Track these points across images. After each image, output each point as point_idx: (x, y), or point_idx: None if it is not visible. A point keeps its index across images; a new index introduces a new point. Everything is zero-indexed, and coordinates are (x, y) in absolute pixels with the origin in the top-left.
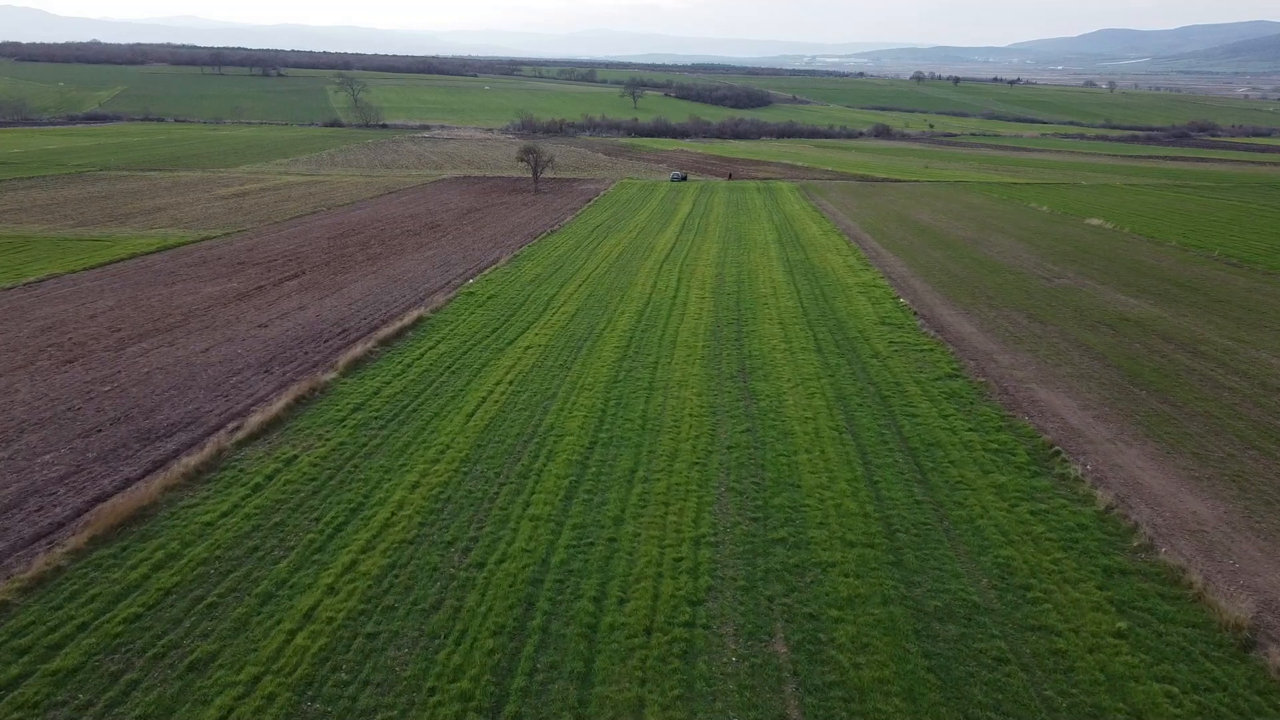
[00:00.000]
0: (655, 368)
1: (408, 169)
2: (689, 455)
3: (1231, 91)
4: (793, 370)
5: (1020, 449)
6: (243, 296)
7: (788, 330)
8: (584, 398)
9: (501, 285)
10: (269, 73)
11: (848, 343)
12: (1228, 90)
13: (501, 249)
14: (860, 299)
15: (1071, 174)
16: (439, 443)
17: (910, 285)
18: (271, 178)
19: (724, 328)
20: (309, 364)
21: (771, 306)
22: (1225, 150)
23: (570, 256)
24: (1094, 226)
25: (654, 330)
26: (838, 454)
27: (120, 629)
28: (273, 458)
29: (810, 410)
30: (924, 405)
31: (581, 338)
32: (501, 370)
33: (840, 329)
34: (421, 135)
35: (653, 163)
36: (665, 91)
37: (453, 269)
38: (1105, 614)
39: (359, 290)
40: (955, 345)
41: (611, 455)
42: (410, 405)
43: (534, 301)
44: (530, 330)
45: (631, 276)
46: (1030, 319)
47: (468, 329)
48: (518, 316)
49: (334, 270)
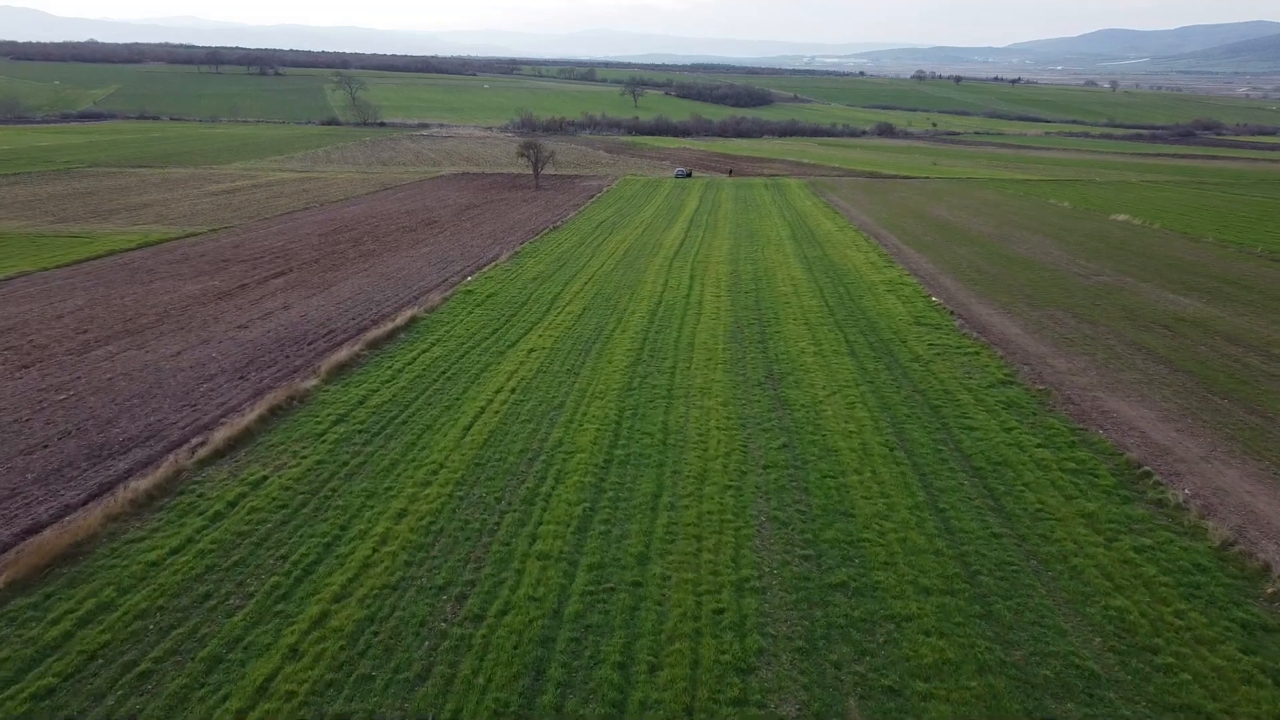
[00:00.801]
0: (673, 373)
1: (405, 166)
2: (720, 477)
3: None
4: (826, 376)
5: (1102, 469)
6: (224, 295)
7: (815, 332)
8: (596, 407)
9: (502, 283)
10: (266, 72)
11: (883, 345)
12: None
13: (501, 246)
14: (889, 297)
15: (1083, 171)
16: (431, 461)
17: (940, 283)
18: (264, 174)
19: (745, 329)
20: (289, 369)
21: (794, 306)
22: (1233, 149)
23: (574, 253)
24: (1121, 222)
25: (669, 331)
26: (892, 475)
27: (25, 709)
28: (238, 480)
29: (853, 422)
30: (981, 416)
31: (590, 339)
32: (502, 376)
33: (872, 330)
34: (420, 133)
35: (655, 160)
36: (665, 90)
37: (450, 266)
38: (1261, 689)
39: (349, 289)
40: (1002, 348)
41: (630, 476)
42: (399, 417)
43: (537, 300)
44: (534, 331)
45: (640, 274)
46: (1077, 319)
47: (465, 330)
48: (520, 317)
49: (323, 268)
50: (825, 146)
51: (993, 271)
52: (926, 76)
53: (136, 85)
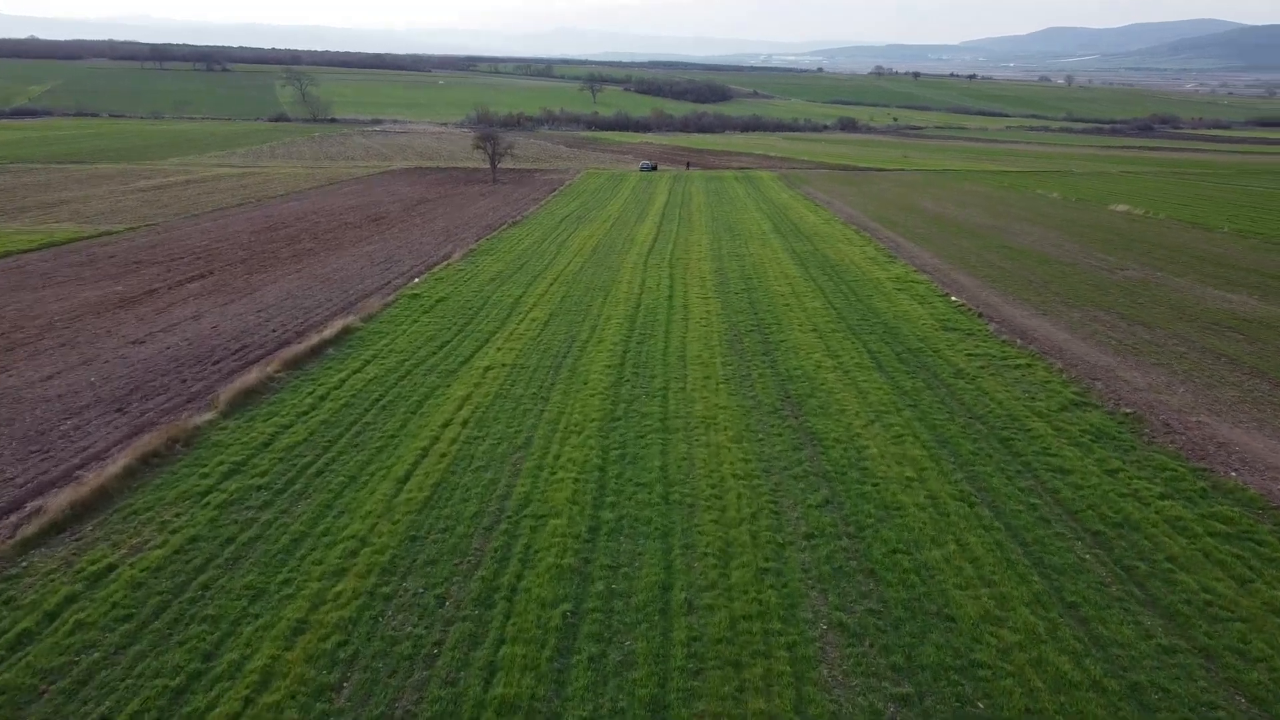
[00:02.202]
0: (665, 396)
1: (354, 161)
2: (749, 553)
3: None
4: (857, 398)
5: (1261, 530)
6: (127, 303)
7: (828, 340)
8: (572, 446)
9: (454, 285)
10: (214, 68)
11: (913, 356)
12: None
13: (455, 243)
14: (902, 298)
15: (1058, 163)
16: (349, 535)
17: (954, 280)
18: (202, 170)
19: (744, 337)
20: (182, 398)
21: (796, 309)
22: (1193, 141)
23: (537, 250)
24: (1123, 213)
25: (653, 341)
26: (985, 547)
27: None
28: (73, 571)
29: (908, 464)
30: (1070, 453)
31: (560, 353)
32: (452, 404)
33: (895, 337)
34: (373, 129)
35: (618, 154)
36: (625, 86)
37: (395, 266)
38: None
39: (275, 293)
40: (1057, 358)
41: (625, 554)
42: (314, 465)
43: (495, 305)
44: (492, 344)
45: (614, 273)
46: (1126, 320)
47: (409, 343)
48: (475, 325)
49: (250, 269)
50: (791, 141)
51: (1007, 266)
52: (885, 72)
53: (77, 82)
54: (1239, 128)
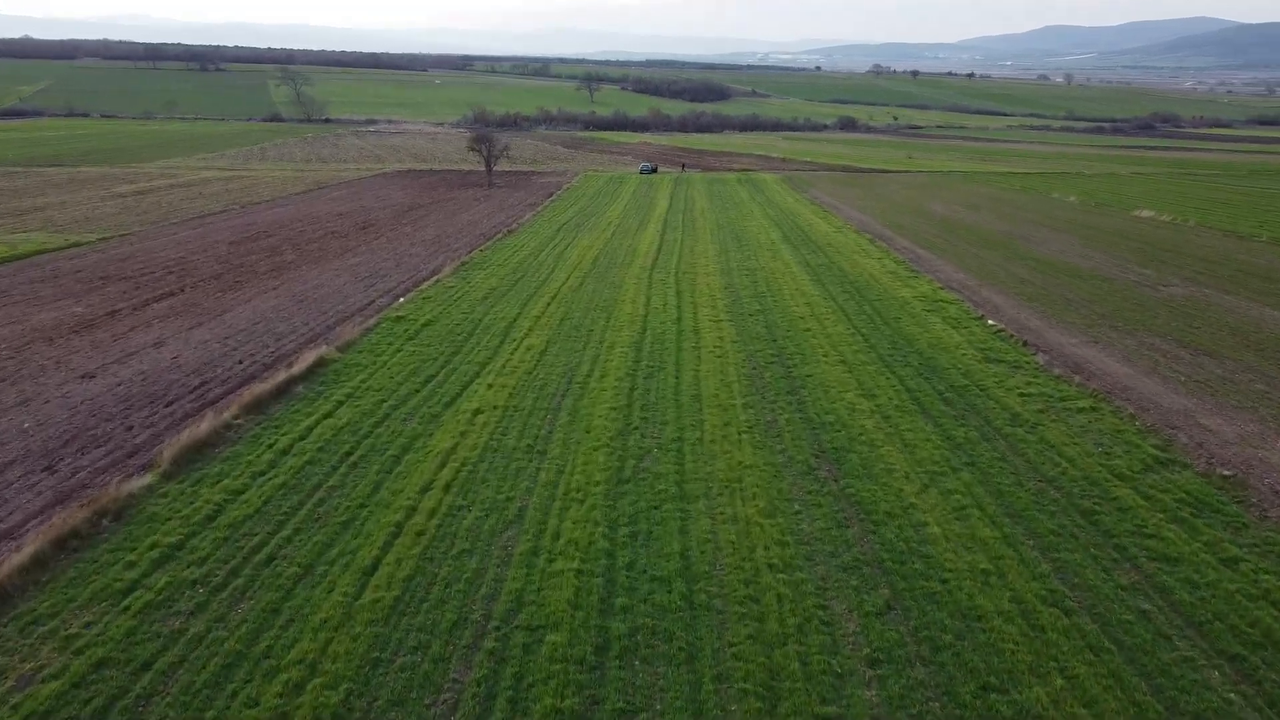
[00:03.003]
0: (681, 450)
1: (346, 163)
2: (802, 693)
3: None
4: (903, 453)
5: None
6: (84, 326)
7: (859, 374)
8: (573, 522)
9: (443, 305)
10: (207, 68)
11: (958, 396)
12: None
13: (446, 255)
14: (934, 321)
15: (1064, 163)
16: (295, 659)
17: (986, 298)
18: (187, 173)
19: (764, 371)
20: (123, 452)
21: (818, 334)
22: (1196, 140)
23: (534, 263)
24: (1147, 219)
25: (663, 376)
26: (1100, 682)
27: None
28: None
29: (981, 551)
30: (1171, 534)
31: (558, 391)
32: (434, 460)
33: (934, 371)
34: (366, 130)
35: (616, 155)
36: (622, 86)
37: (381, 282)
38: None
39: (248, 315)
40: (1123, 398)
41: (643, 690)
42: (263, 548)
43: (487, 330)
44: (482, 379)
45: (616, 290)
46: (1188, 349)
47: (388, 379)
48: (464, 356)
49: (224, 285)
50: (790, 141)
51: (1038, 281)
52: (884, 71)
53: (69, 81)
54: (1240, 126)
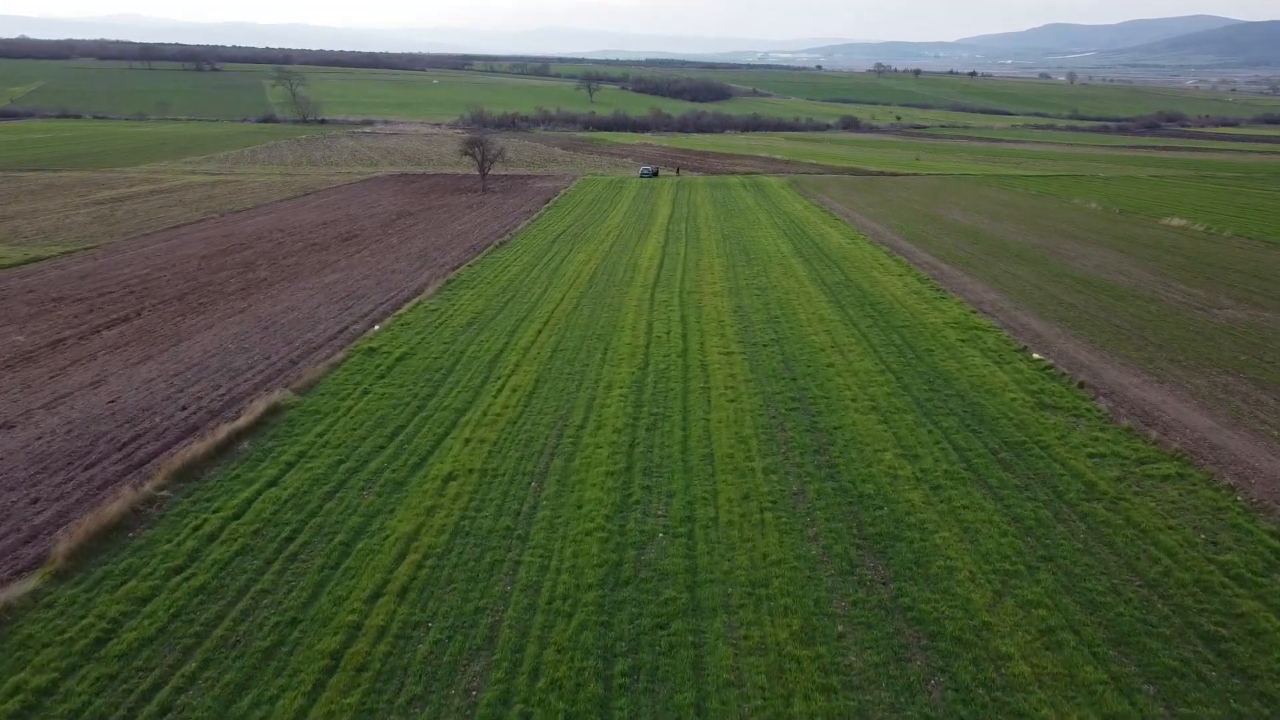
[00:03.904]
0: (691, 536)
1: (337, 166)
2: None
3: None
4: (964, 542)
5: None
6: (21, 360)
7: (895, 426)
8: (555, 649)
9: (423, 333)
10: (203, 68)
11: (1016, 457)
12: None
13: (432, 270)
14: (972, 354)
15: (1076, 164)
16: None
17: (1025, 325)
18: (172, 177)
19: (785, 420)
20: (20, 536)
21: (842, 370)
22: (1205, 140)
23: (525, 281)
24: (1180, 228)
25: (668, 425)
26: None
27: None
28: None
29: (1086, 699)
30: None
31: (545, 447)
32: (391, 551)
33: (981, 421)
34: (362, 130)
35: (616, 157)
36: (622, 85)
37: (358, 304)
38: None
39: (206, 344)
40: (1212, 460)
41: None
42: (159, 695)
43: (469, 365)
44: (458, 432)
45: (615, 313)
46: (1270, 392)
47: (350, 432)
48: (440, 399)
49: (186, 308)
50: (793, 141)
51: (1079, 304)
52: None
53: (63, 82)
54: (1247, 125)
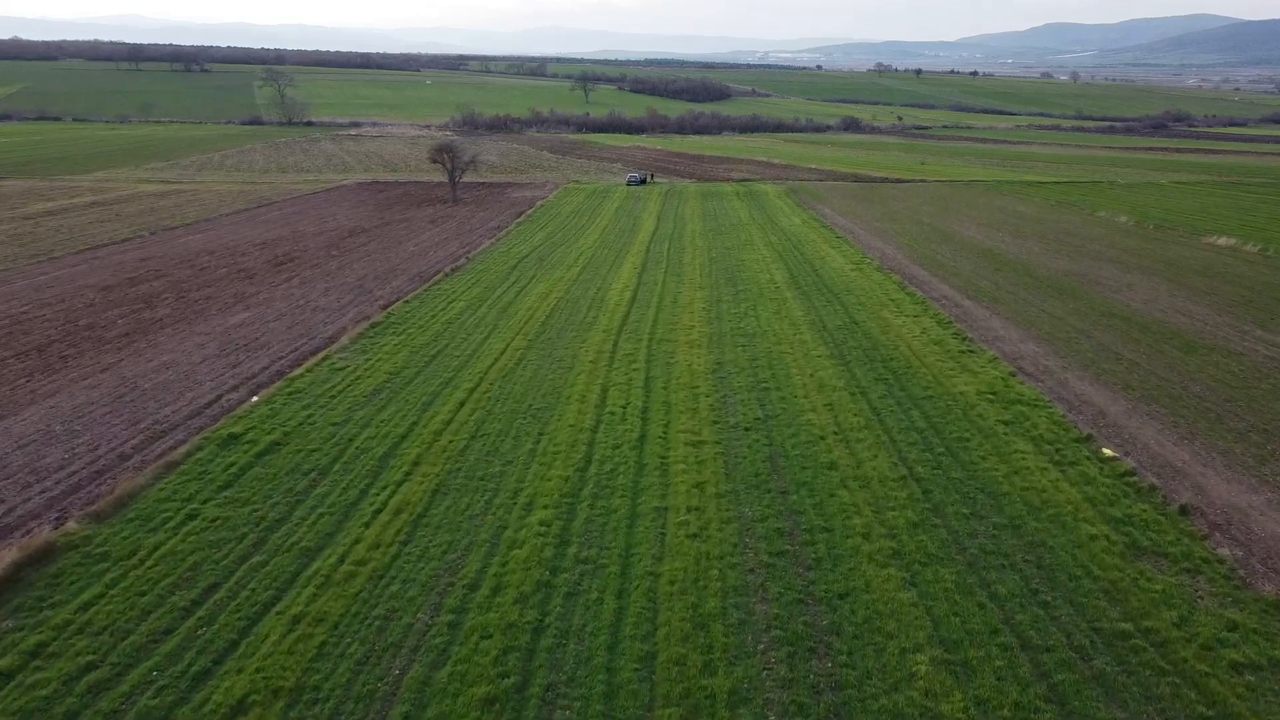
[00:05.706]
0: None
1: (306, 173)
2: None
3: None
4: None
5: None
6: None
7: (926, 590)
8: None
9: (311, 406)
10: (192, 68)
11: (1117, 662)
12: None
13: (362, 306)
14: (1020, 447)
15: (1089, 168)
16: None
17: (1080, 394)
18: (123, 186)
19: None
20: None
21: (849, 475)
22: (1214, 140)
23: (465, 325)
24: (1231, 249)
25: (596, 590)
26: None
27: None
28: None
29: None
30: None
31: (404, 641)
32: None
33: (1053, 584)
34: (346, 133)
35: (606, 161)
36: (619, 85)
37: (252, 359)
38: None
39: (25, 425)
40: None
41: None
42: None
43: (352, 464)
44: (288, 602)
45: (564, 373)
46: None
47: (128, 603)
48: (288, 532)
49: (40, 364)
50: (793, 144)
51: (1141, 360)
52: (886, 70)
53: (45, 83)
54: (1255, 124)
